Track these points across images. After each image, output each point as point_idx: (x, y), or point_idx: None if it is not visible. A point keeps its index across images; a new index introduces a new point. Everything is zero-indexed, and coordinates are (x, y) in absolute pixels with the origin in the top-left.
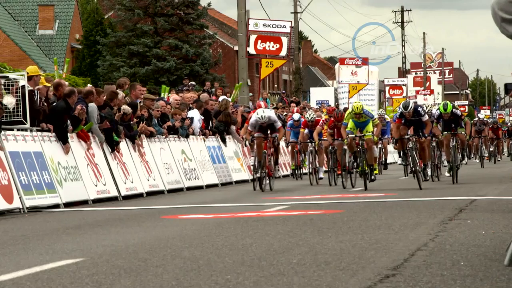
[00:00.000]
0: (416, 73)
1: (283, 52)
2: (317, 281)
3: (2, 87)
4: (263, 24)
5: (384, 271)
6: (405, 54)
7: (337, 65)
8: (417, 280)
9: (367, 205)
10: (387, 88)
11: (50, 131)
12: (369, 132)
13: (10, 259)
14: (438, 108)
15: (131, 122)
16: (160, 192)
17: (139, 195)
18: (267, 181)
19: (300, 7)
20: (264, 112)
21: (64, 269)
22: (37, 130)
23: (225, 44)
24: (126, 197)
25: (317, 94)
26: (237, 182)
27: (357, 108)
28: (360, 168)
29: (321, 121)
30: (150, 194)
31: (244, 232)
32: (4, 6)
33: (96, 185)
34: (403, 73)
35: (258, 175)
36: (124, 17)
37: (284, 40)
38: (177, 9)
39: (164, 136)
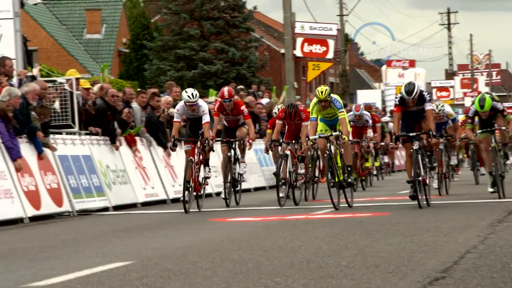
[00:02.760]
0: (463, 75)
1: (330, 55)
2: (367, 284)
3: (51, 90)
4: (309, 27)
5: (433, 273)
6: (452, 56)
7: (383, 67)
8: (467, 282)
9: (415, 207)
10: (434, 90)
11: (98, 134)
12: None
13: (61, 262)
14: (473, 103)
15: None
16: (208, 195)
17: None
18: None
19: (346, 9)
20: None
21: (114, 272)
22: (86, 134)
23: (271, 47)
24: (174, 200)
25: (363, 97)
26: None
27: (322, 92)
28: (336, 178)
29: None
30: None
31: (292, 234)
32: (51, 11)
33: (145, 188)
34: (450, 74)
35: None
36: (171, 21)
37: (331, 42)
38: (223, 13)
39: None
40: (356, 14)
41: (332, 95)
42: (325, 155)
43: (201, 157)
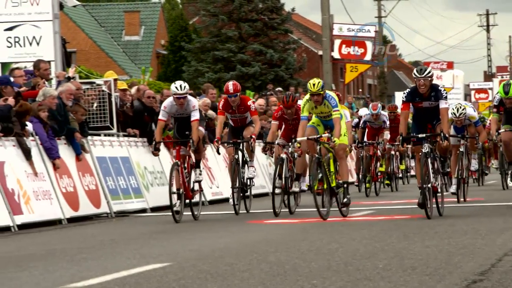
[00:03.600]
0: (502, 77)
1: (368, 57)
2: (404, 286)
3: (90, 92)
4: (347, 29)
5: (471, 276)
6: (490, 58)
7: None
8: (505, 285)
9: (453, 210)
10: (472, 92)
11: (136, 136)
12: (341, 135)
13: (98, 263)
14: (498, 92)
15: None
16: (246, 197)
17: (225, 200)
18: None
19: (384, 11)
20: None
21: (151, 274)
22: (124, 135)
23: (309, 49)
24: (212, 202)
25: (401, 99)
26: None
27: (314, 85)
28: (325, 185)
29: None
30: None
31: (329, 237)
32: (90, 12)
33: None
34: (488, 76)
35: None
36: (209, 23)
37: (369, 44)
38: (262, 15)
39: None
40: (394, 15)
41: (327, 91)
42: (313, 158)
43: (191, 160)
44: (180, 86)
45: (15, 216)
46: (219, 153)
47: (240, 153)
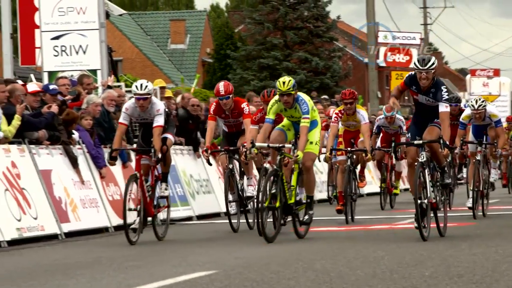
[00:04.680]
0: None
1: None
2: None
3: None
4: (392, 36)
5: None
6: None
7: (468, 77)
8: None
9: (500, 218)
10: None
11: (182, 144)
12: (311, 143)
13: (145, 271)
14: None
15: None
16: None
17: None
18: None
19: (430, 18)
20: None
21: (197, 281)
22: None
23: (354, 57)
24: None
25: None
26: (368, 194)
27: (284, 83)
28: (278, 202)
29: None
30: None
31: (375, 244)
32: (136, 21)
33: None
34: None
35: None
36: (254, 31)
37: (414, 52)
38: (307, 22)
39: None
40: (440, 23)
41: (300, 94)
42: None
43: (157, 171)
44: (141, 85)
45: (62, 224)
46: (210, 164)
47: (235, 162)
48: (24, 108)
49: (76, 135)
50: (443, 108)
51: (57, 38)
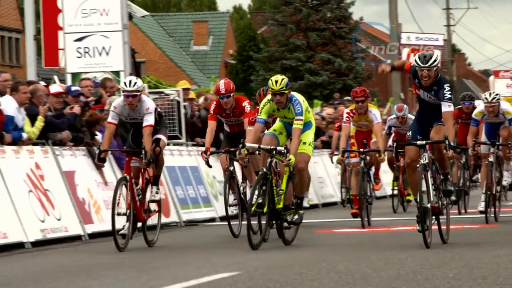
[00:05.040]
0: None
1: None
2: None
3: (158, 101)
4: (415, 38)
5: None
6: None
7: (491, 78)
8: None
9: None
10: None
11: (203, 145)
12: (305, 143)
13: (168, 271)
14: None
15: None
16: (314, 206)
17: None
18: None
19: (453, 19)
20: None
21: (221, 283)
22: (193, 145)
23: (377, 58)
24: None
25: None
26: (392, 196)
27: (277, 82)
28: (265, 208)
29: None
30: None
31: (399, 246)
32: (159, 23)
33: None
34: None
35: None
36: (277, 32)
37: (437, 53)
38: (329, 24)
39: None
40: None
41: (294, 94)
42: (260, 172)
43: (147, 173)
44: (130, 81)
45: (86, 225)
46: (210, 166)
47: (236, 164)
48: (47, 110)
49: (99, 136)
50: (446, 107)
51: (80, 39)
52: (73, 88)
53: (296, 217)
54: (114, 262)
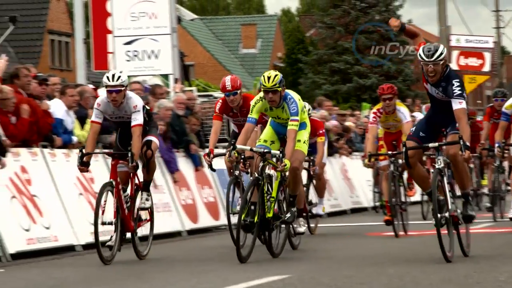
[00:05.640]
0: None
1: (486, 68)
2: None
3: (206, 105)
4: (465, 40)
5: None
6: None
7: None
8: None
9: None
10: None
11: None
12: (299, 141)
13: (218, 274)
14: None
15: (333, 140)
16: (363, 209)
17: (343, 212)
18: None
19: (503, 21)
20: None
21: (271, 286)
22: None
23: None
24: (331, 214)
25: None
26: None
27: (269, 78)
28: (256, 217)
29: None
30: (353, 211)
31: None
32: (208, 26)
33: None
34: None
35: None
36: (325, 35)
37: (487, 55)
38: (378, 26)
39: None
40: None
41: (289, 92)
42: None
43: (136, 179)
44: (113, 75)
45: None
46: (213, 170)
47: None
48: None
49: None
50: (457, 105)
51: (129, 43)
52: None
53: (288, 215)
54: (165, 265)
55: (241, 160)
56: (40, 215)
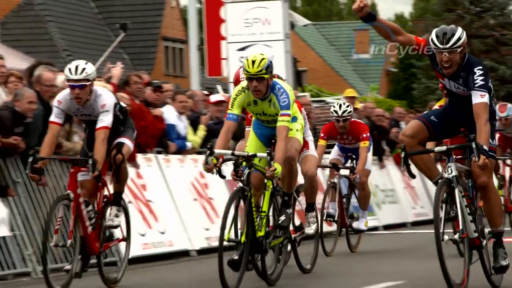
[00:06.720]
0: None
1: None
2: None
3: (318, 110)
4: None
5: None
6: None
7: None
8: None
9: None
10: None
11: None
12: (291, 130)
13: (331, 281)
14: None
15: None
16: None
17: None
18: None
19: None
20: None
21: None
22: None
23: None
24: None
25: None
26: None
27: (254, 62)
28: (244, 234)
29: None
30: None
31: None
32: (320, 31)
33: (414, 208)
34: None
35: None
36: None
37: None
38: (493, 30)
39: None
40: None
41: (278, 80)
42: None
43: (105, 191)
44: (76, 67)
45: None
46: (222, 177)
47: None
48: (209, 119)
49: None
50: (478, 98)
51: (243, 49)
52: None
53: (283, 217)
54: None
55: (232, 169)
56: (155, 220)
